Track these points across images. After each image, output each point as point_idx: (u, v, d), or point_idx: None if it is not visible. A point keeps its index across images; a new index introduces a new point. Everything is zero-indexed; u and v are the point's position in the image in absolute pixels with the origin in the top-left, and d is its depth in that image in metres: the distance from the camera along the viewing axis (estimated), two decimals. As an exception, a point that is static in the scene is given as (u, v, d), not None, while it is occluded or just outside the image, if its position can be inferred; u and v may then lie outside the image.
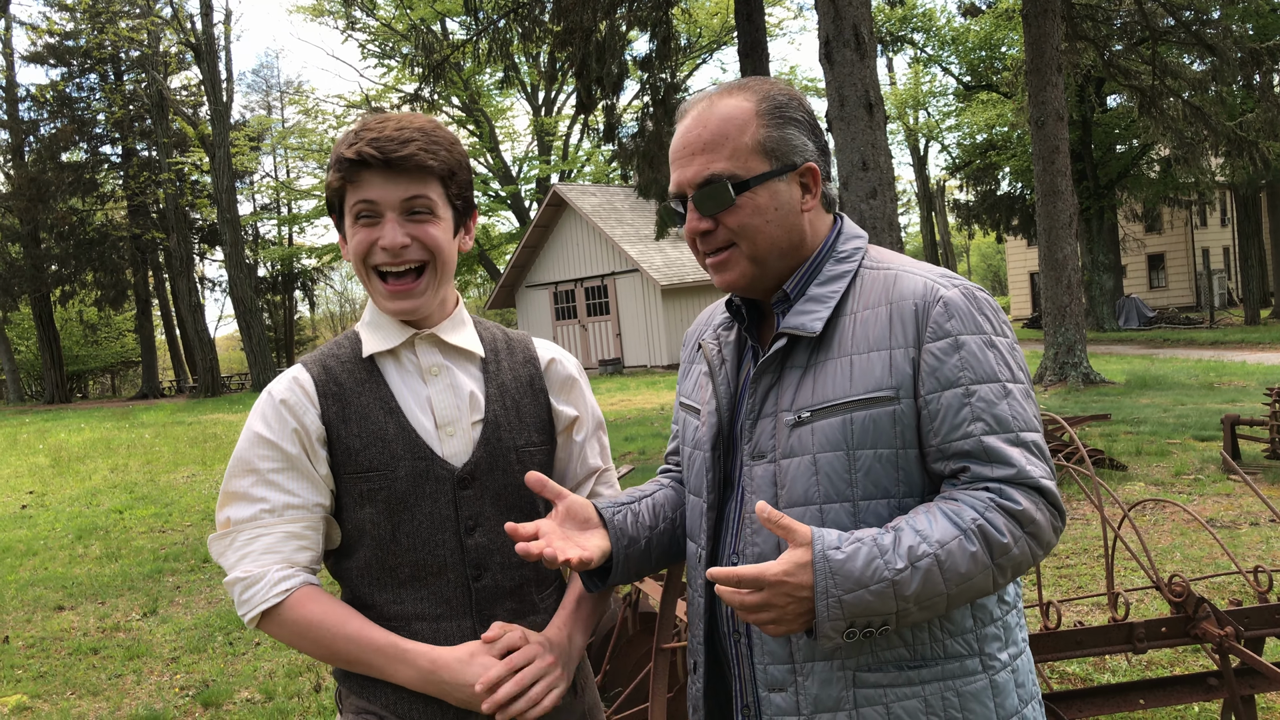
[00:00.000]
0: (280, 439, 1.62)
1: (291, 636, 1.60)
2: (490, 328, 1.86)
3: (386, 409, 1.66)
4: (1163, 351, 22.95)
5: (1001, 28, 32.58)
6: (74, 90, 42.53)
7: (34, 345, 47.36)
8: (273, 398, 1.65)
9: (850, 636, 1.36)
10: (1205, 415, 11.47)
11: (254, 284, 36.59)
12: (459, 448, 1.69)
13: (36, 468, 15.63)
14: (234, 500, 1.63)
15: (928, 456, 1.46)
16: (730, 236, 1.55)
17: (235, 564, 1.61)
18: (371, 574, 1.66)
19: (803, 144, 1.56)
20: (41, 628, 6.58)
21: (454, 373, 1.73)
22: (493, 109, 41.69)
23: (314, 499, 1.64)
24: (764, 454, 1.52)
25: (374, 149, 1.58)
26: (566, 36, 14.79)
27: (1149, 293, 41.87)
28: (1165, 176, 31.49)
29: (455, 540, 1.67)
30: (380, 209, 1.62)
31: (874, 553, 1.34)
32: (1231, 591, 5.28)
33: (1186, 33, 19.68)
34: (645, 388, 22.96)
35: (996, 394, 1.43)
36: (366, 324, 1.74)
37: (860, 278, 1.56)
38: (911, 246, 63.24)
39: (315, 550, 1.65)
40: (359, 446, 1.64)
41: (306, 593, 1.60)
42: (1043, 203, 15.48)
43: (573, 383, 1.86)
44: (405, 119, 1.65)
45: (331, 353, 1.73)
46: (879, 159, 9.58)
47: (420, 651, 1.58)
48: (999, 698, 1.48)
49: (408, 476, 1.64)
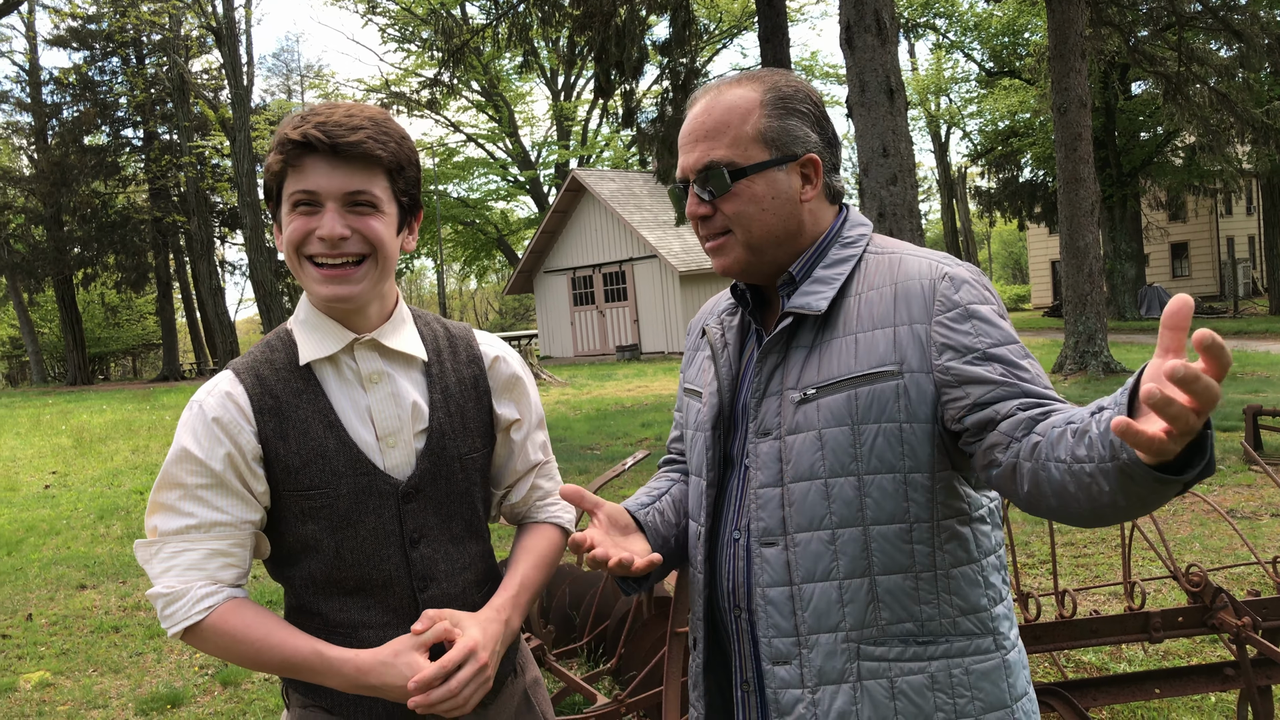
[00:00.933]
0: (209, 458, 1.56)
1: (216, 649, 1.57)
2: (431, 323, 1.79)
3: (326, 423, 1.60)
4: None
5: (1025, 13, 32.28)
6: (96, 74, 42.75)
7: (57, 327, 47.79)
8: (205, 413, 1.58)
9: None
10: (1227, 405, 11.38)
11: (274, 268, 36.70)
12: (400, 459, 1.64)
13: (59, 448, 15.79)
14: (161, 511, 1.58)
15: (952, 418, 1.43)
16: (726, 223, 1.59)
17: (159, 575, 1.57)
18: (316, 584, 1.64)
19: (805, 135, 1.59)
20: (64, 606, 6.66)
21: (395, 380, 1.66)
22: (512, 94, 41.68)
23: (243, 516, 1.59)
24: (769, 431, 1.54)
25: (321, 133, 1.51)
26: (586, 21, 14.76)
27: (1172, 282, 41.51)
28: (1190, 164, 31.14)
29: (400, 554, 1.64)
30: (321, 199, 1.54)
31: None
32: (1250, 583, 5.25)
33: (1214, 18, 19.44)
34: (662, 374, 22.96)
35: (1017, 354, 1.44)
36: (301, 323, 1.66)
37: (865, 262, 1.59)
38: (932, 233, 62.91)
39: (241, 566, 1.61)
40: (299, 465, 1.59)
41: (229, 608, 1.56)
42: (1064, 190, 15.35)
43: (516, 381, 1.82)
44: (356, 107, 1.58)
45: (265, 359, 1.64)
46: (899, 145, 9.52)
47: (345, 659, 1.55)
48: (1010, 677, 1.50)
49: (350, 494, 1.60)
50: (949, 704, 1.46)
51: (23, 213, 41.14)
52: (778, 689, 1.52)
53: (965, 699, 1.46)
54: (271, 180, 1.59)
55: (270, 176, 1.58)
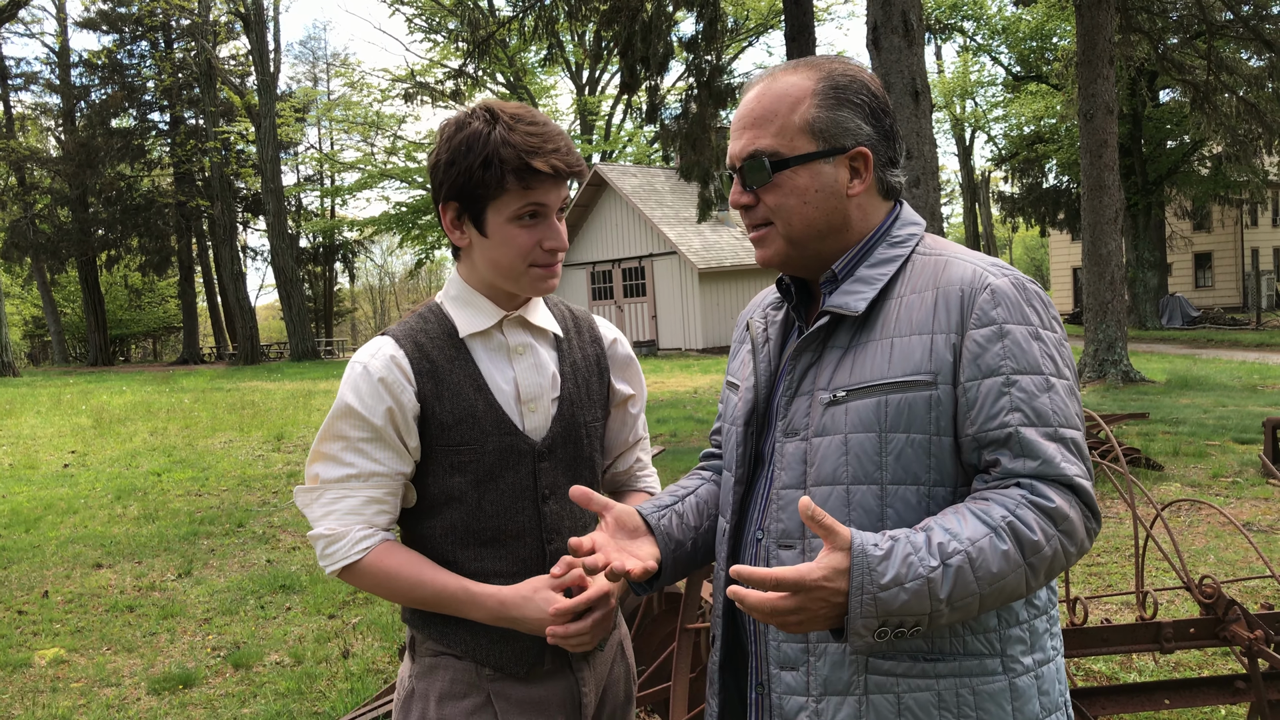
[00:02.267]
0: (371, 414, 1.72)
1: (372, 585, 1.74)
2: (558, 305, 1.97)
3: (475, 386, 1.77)
4: (1206, 352, 22.59)
5: (1054, 17, 32.04)
6: (125, 57, 43.08)
7: (79, 308, 48.18)
8: (370, 373, 1.73)
9: (881, 636, 1.30)
10: (1246, 418, 11.29)
11: (295, 254, 36.92)
12: (539, 423, 1.81)
13: (79, 428, 15.93)
14: (324, 460, 1.75)
15: (963, 447, 1.42)
16: (768, 214, 1.55)
17: (320, 519, 1.74)
18: (455, 535, 1.78)
19: (857, 127, 1.53)
20: (80, 584, 6.72)
21: (538, 351, 1.85)
22: (536, 87, 41.70)
23: (397, 468, 1.75)
24: (797, 431, 1.51)
25: (564, 164, 1.69)
26: (613, 15, 14.76)
27: (1194, 292, 41.17)
28: (1216, 174, 30.89)
29: (533, 508, 1.80)
30: (548, 211, 1.73)
31: (908, 549, 1.29)
32: (1265, 596, 5.21)
33: (1244, 28, 19.26)
34: (679, 370, 22.96)
35: (1038, 386, 1.39)
36: (454, 299, 1.83)
37: (911, 263, 1.53)
38: (954, 237, 62.57)
39: (393, 513, 1.78)
40: (451, 422, 1.75)
41: (384, 549, 1.73)
42: (1088, 197, 15.25)
43: (630, 361, 2.02)
44: (550, 123, 1.73)
45: (420, 328, 1.80)
46: (923, 147, 9.49)
47: (489, 593, 1.72)
48: (1017, 701, 1.44)
49: (495, 451, 1.77)
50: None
51: (49, 193, 41.47)
52: (782, 694, 1.49)
53: (970, 719, 1.42)
54: (481, 189, 1.70)
55: (480, 186, 1.69)
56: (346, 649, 5.23)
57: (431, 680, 1.79)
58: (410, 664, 1.84)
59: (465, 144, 1.68)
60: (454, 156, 1.69)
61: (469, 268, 1.81)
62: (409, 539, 1.84)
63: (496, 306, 1.81)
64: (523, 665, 1.77)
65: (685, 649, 2.90)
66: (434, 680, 1.78)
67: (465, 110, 1.76)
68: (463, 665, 1.77)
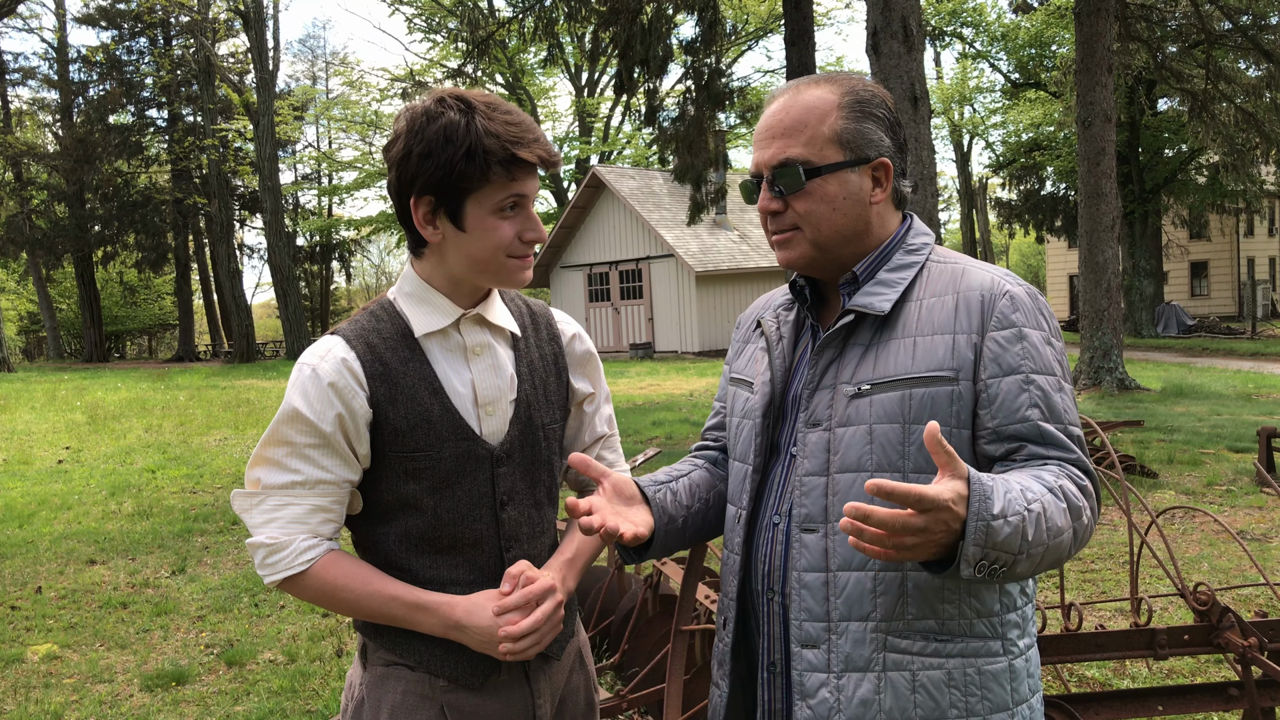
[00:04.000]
0: (320, 420, 1.64)
1: (316, 597, 1.68)
2: (515, 300, 1.90)
3: (431, 390, 1.70)
4: (1201, 360, 22.64)
5: (1053, 25, 32.09)
6: (123, 53, 43.01)
7: (75, 304, 48.08)
8: (319, 377, 1.65)
9: (980, 570, 1.34)
10: (1241, 426, 11.32)
11: (292, 253, 36.86)
12: (496, 426, 1.75)
13: (73, 424, 15.90)
14: (267, 465, 1.67)
15: (980, 438, 1.53)
16: (796, 220, 1.63)
17: (260, 526, 1.66)
18: (410, 542, 1.72)
19: (879, 139, 1.63)
20: (74, 580, 6.71)
21: (496, 351, 1.78)
22: (535, 88, 41.71)
23: (345, 476, 1.68)
24: (819, 422, 1.59)
25: (547, 154, 1.66)
26: (612, 17, 14.78)
27: (1190, 300, 41.27)
28: (1213, 183, 30.96)
29: (491, 515, 1.74)
30: (528, 201, 1.69)
31: (1007, 488, 1.37)
32: (1259, 604, 5.23)
33: (1243, 37, 19.33)
34: (675, 373, 22.97)
35: (1052, 386, 1.52)
36: (408, 295, 1.74)
37: (927, 269, 1.64)
38: (951, 243, 62.62)
39: (338, 522, 1.71)
40: (406, 428, 1.68)
41: (329, 559, 1.67)
42: (1086, 205, 15.29)
43: (589, 357, 1.94)
44: (521, 111, 1.69)
45: (372, 328, 1.72)
46: (922, 153, 9.51)
47: (440, 601, 1.67)
48: (1014, 682, 1.55)
49: (452, 457, 1.70)
50: (961, 701, 1.52)
51: (46, 189, 41.40)
52: (804, 671, 1.56)
53: (976, 698, 1.52)
54: (461, 182, 1.63)
55: (461, 179, 1.62)
56: (340, 647, 5.22)
57: (383, 691, 1.73)
58: (361, 671, 1.79)
59: (443, 135, 1.60)
60: (430, 148, 1.61)
61: (434, 264, 1.73)
62: (361, 545, 1.78)
63: (454, 304, 1.73)
64: (478, 676, 1.72)
65: (680, 650, 2.90)
66: (385, 691, 1.73)
67: (430, 99, 1.67)
68: (416, 677, 1.72)
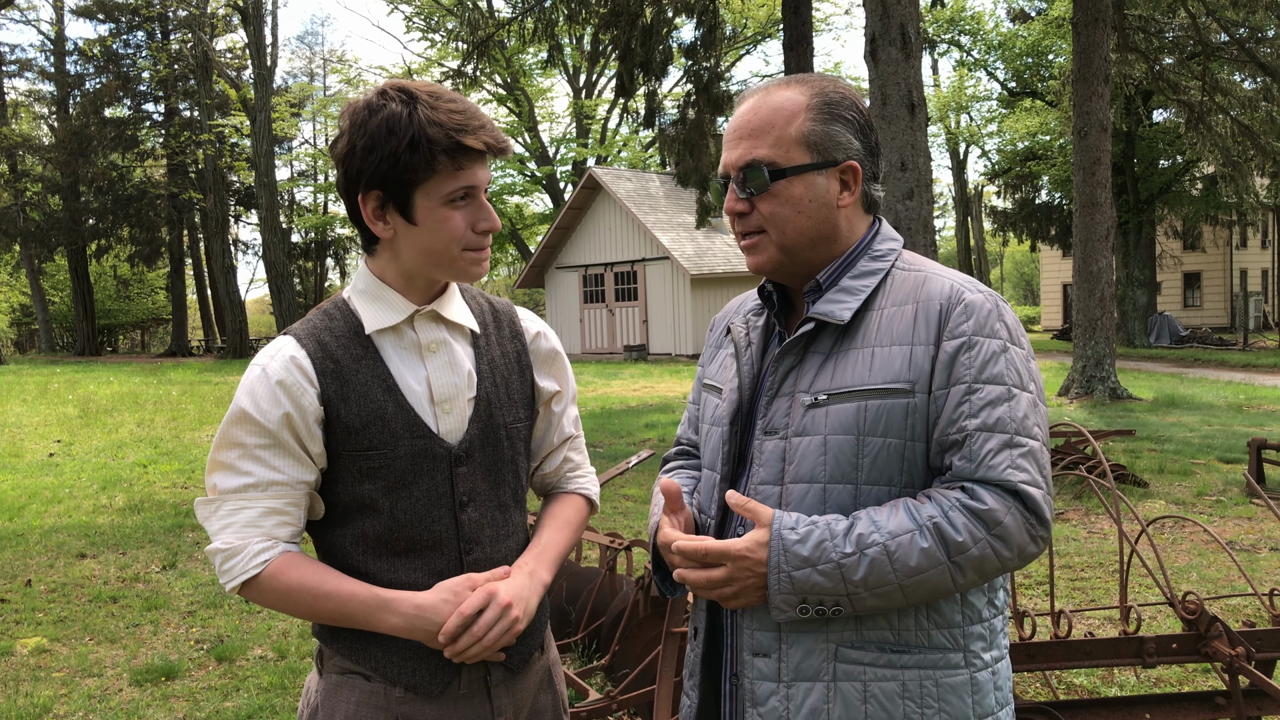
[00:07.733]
0: (267, 419, 1.61)
1: (274, 601, 1.63)
2: (476, 296, 1.86)
3: (385, 387, 1.66)
4: (1193, 371, 22.71)
5: (1050, 35, 32.21)
6: (121, 47, 42.90)
7: (68, 297, 47.97)
8: (268, 376, 1.62)
9: (804, 613, 1.46)
10: (1232, 437, 11.36)
11: (287, 249, 36.82)
12: (454, 425, 1.71)
13: (65, 417, 15.86)
14: (221, 469, 1.64)
15: (930, 451, 1.51)
16: (761, 222, 1.61)
17: (217, 532, 1.63)
18: (367, 545, 1.68)
19: (847, 141, 1.60)
20: (64, 574, 6.69)
21: (453, 349, 1.73)
22: (533, 89, 41.69)
23: (299, 476, 1.64)
24: (776, 430, 1.58)
25: (494, 140, 1.61)
26: (612, 19, 14.78)
27: (1183, 311, 41.41)
28: (1208, 195, 31.07)
29: (450, 516, 1.70)
30: (478, 191, 1.64)
31: (824, 536, 1.44)
32: (1247, 614, 5.25)
33: (1240, 50, 19.42)
34: (669, 375, 22.98)
35: (998, 396, 1.47)
36: (361, 293, 1.71)
37: (891, 277, 1.61)
38: (945, 250, 62.81)
39: (297, 525, 1.67)
40: (359, 425, 1.64)
41: (285, 561, 1.62)
42: (1080, 214, 15.34)
43: (555, 355, 1.90)
44: (466, 99, 1.65)
45: (324, 326, 1.69)
46: (918, 160, 9.53)
47: (403, 598, 1.62)
48: (977, 695, 1.52)
49: (407, 455, 1.66)
50: (917, 713, 1.49)
51: (40, 181, 41.28)
52: (755, 680, 1.55)
53: (933, 710, 1.49)
54: (408, 174, 1.58)
55: (407, 170, 1.57)
56: (330, 645, 5.22)
57: (336, 700, 1.69)
58: (318, 677, 1.75)
59: (385, 127, 1.56)
60: (373, 142, 1.57)
61: (387, 260, 1.69)
62: (321, 549, 1.74)
63: (407, 301, 1.69)
64: (437, 685, 1.68)
65: (671, 653, 2.91)
66: (339, 701, 1.69)
67: (371, 93, 1.63)
68: (371, 687, 1.67)
